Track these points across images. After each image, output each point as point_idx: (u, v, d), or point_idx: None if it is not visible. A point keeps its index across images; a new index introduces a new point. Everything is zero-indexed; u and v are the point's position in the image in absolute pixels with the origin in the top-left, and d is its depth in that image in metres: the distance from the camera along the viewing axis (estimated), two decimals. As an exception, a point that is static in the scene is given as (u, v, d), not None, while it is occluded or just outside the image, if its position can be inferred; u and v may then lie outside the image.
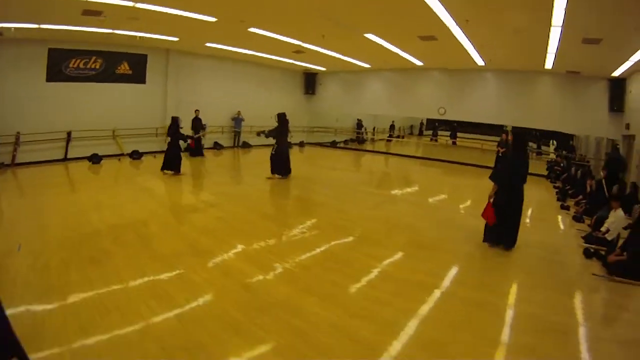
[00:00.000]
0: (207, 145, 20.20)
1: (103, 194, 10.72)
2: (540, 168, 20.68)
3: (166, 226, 8.30)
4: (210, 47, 17.96)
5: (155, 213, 9.16)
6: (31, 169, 13.89)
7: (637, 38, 10.77)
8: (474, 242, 8.31)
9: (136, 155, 16.94)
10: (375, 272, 6.49)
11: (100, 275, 5.64)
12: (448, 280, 6.39)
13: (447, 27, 11.69)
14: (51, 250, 6.55)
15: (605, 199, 9.46)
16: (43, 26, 12.72)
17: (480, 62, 17.54)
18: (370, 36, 13.94)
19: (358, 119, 28.99)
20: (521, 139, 8.22)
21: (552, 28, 10.71)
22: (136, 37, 15.01)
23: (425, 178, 18.94)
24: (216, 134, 21.09)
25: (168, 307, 4.85)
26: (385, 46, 15.46)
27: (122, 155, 17.01)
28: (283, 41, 15.47)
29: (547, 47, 13.05)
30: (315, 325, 4.66)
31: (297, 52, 18.08)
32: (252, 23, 13.07)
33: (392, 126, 33.36)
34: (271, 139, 13.80)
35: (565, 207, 12.30)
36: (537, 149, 30.03)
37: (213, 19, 12.28)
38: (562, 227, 10.55)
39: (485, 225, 8.09)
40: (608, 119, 17.67)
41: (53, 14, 11.59)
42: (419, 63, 19.62)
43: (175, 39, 16.04)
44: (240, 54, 19.38)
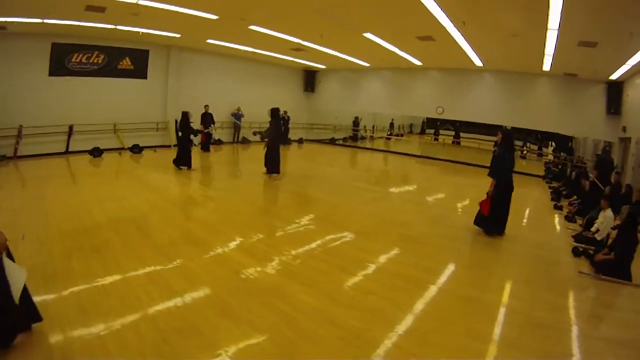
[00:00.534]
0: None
1: (104, 187, 10.92)
2: (540, 169, 20.86)
3: (165, 218, 8.45)
4: (211, 44, 18.08)
5: (154, 205, 9.30)
6: (33, 161, 14.02)
7: (633, 42, 10.90)
8: (464, 238, 8.54)
9: (137, 149, 17.11)
10: (363, 264, 6.65)
11: (100, 263, 5.82)
12: (435, 274, 6.53)
13: (444, 28, 11.84)
14: (54, 239, 6.72)
15: (598, 200, 9.59)
16: (47, 21, 12.84)
17: (478, 62, 17.65)
18: (369, 35, 14.06)
19: (355, 117, 29.04)
20: (511, 138, 8.80)
21: (548, 31, 10.83)
22: (138, 32, 15.19)
23: (422, 176, 19.03)
24: (217, 130, 21.17)
25: (165, 293, 5.05)
26: (384, 45, 15.58)
27: (123, 149, 17.18)
28: (283, 39, 15.59)
29: (544, 50, 13.16)
30: (301, 311, 4.87)
31: (297, 49, 18.20)
32: (253, 21, 13.22)
33: (392, 124, 33.41)
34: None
35: (558, 207, 12.46)
36: (538, 150, 30.11)
37: (214, 17, 12.43)
38: (553, 226, 10.67)
39: (479, 212, 8.68)
40: (605, 121, 17.79)
41: (57, 9, 11.73)
42: (417, 62, 19.74)
43: (177, 36, 16.19)
44: (241, 50, 19.46)
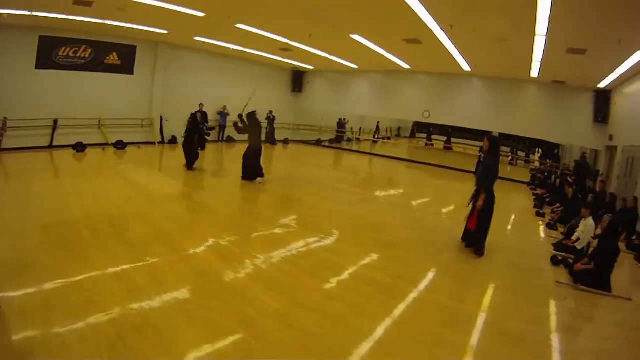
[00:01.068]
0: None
1: (84, 182, 10.82)
2: (526, 175, 20.94)
3: (140, 215, 8.39)
4: (198, 41, 17.99)
5: (132, 202, 9.24)
6: (17, 154, 13.85)
7: (621, 49, 10.91)
8: (441, 243, 8.46)
9: (120, 146, 16.95)
10: (333, 268, 6.59)
11: (70, 259, 5.77)
12: (407, 280, 6.44)
13: (431, 32, 11.79)
14: (29, 234, 6.66)
15: (580, 208, 9.57)
16: (35, 13, 12.69)
17: (466, 67, 17.67)
18: (356, 37, 14.03)
19: (340, 119, 29.07)
20: (498, 145, 8.20)
21: (536, 36, 10.82)
22: (126, 28, 15.04)
23: (407, 180, 19.12)
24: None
25: (128, 291, 5.00)
26: (371, 47, 15.56)
27: (107, 144, 17.01)
28: (270, 38, 15.55)
29: (532, 56, 13.17)
30: (262, 314, 4.81)
31: (284, 49, 18.16)
32: (240, 19, 13.15)
33: (378, 127, 33.38)
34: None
35: (540, 214, 12.47)
36: (526, 157, 30.30)
37: (201, 14, 12.36)
38: (534, 234, 10.66)
39: (467, 231, 8.21)
40: (592, 129, 17.87)
41: (45, 1, 11.63)
42: (405, 66, 19.71)
43: (164, 32, 16.05)
44: (229, 49, 19.43)
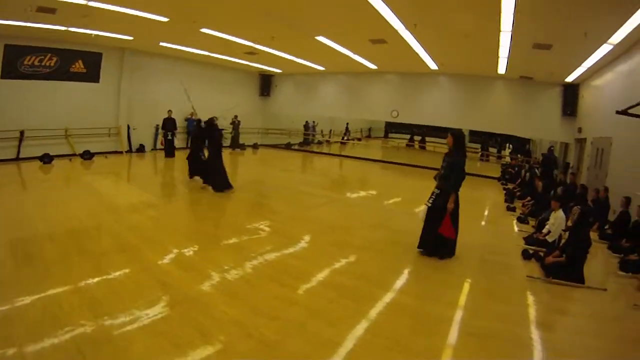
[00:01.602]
0: (161, 146, 19.78)
1: (50, 194, 10.63)
2: (497, 171, 21.10)
3: (103, 227, 8.20)
4: (164, 47, 17.85)
5: (95, 213, 9.02)
6: (-18, 169, 13.53)
7: (587, 43, 11.00)
8: (410, 244, 8.27)
9: (87, 156, 16.65)
10: (296, 273, 6.47)
11: (32, 273, 5.63)
12: (371, 282, 6.30)
13: (396, 31, 11.82)
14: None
15: (550, 201, 9.59)
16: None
17: (433, 66, 17.78)
18: (321, 39, 14.04)
19: (306, 121, 29.14)
20: (463, 140, 7.69)
21: (501, 33, 10.87)
22: (91, 35, 14.82)
23: (376, 180, 19.21)
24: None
25: (87, 305, 4.87)
26: (337, 49, 15.60)
27: (74, 155, 16.70)
28: (235, 42, 15.51)
29: (498, 52, 13.25)
30: (219, 323, 4.70)
31: (250, 53, 18.08)
32: (204, 23, 13.07)
33: (347, 129, 33.37)
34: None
35: (511, 209, 12.57)
36: (498, 153, 30.59)
37: (165, 19, 12.24)
38: (505, 228, 10.69)
39: (430, 235, 7.59)
40: (561, 123, 18.19)
41: (8, 9, 11.44)
42: (372, 66, 19.79)
43: (129, 38, 15.88)
44: (195, 54, 19.36)
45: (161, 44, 17.15)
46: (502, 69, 16.21)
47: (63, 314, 4.61)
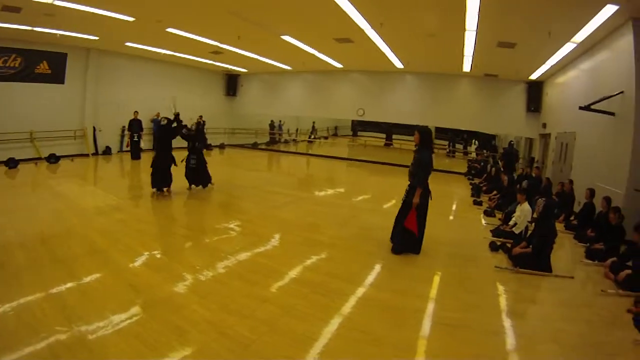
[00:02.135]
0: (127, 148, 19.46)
1: (16, 200, 10.37)
2: (463, 166, 21.36)
3: (71, 231, 8.07)
4: (130, 47, 17.68)
5: (63, 218, 8.88)
6: (-56, 175, 13.21)
7: (551, 42, 11.23)
8: (377, 239, 8.39)
9: (53, 159, 16.35)
10: (265, 271, 6.49)
11: (1, 282, 5.50)
12: (340, 278, 6.34)
13: (362, 30, 11.94)
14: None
15: (516, 194, 9.77)
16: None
17: (398, 64, 17.94)
18: (286, 38, 14.09)
19: (271, 120, 29.24)
20: (429, 137, 7.71)
21: (466, 32, 11.04)
22: (56, 35, 14.60)
23: (343, 178, 19.32)
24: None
25: (60, 311, 4.81)
26: (302, 48, 15.67)
27: (39, 159, 16.39)
28: (200, 41, 15.48)
29: (463, 51, 13.47)
30: (193, 323, 4.70)
31: (215, 52, 18.04)
32: (169, 23, 13.01)
33: (313, 127, 33.53)
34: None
35: (478, 203, 12.78)
36: (464, 149, 30.97)
37: (131, 19, 12.15)
38: (472, 222, 10.86)
39: (403, 232, 7.60)
40: (525, 119, 18.60)
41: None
42: (338, 65, 19.91)
43: (95, 38, 15.68)
44: (161, 54, 19.21)
45: (127, 44, 17.00)
46: (467, 67, 16.48)
47: (36, 321, 4.55)
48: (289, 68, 22.49)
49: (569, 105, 13.11)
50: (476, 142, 31.02)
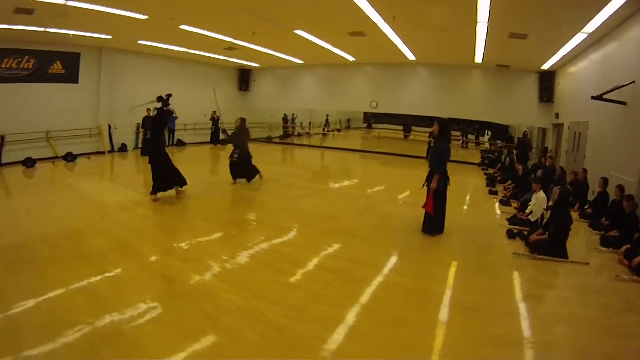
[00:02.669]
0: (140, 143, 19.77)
1: (35, 198, 10.53)
2: (477, 157, 21.35)
3: (95, 227, 8.17)
4: (143, 45, 17.79)
5: (85, 215, 8.95)
6: (-37, 175, 13.41)
7: (561, 33, 11.27)
8: (396, 228, 8.62)
9: (70, 158, 16.52)
10: (286, 258, 6.69)
11: (32, 278, 5.58)
12: (362, 264, 6.52)
13: (375, 24, 11.99)
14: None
15: (531, 183, 9.84)
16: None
17: (411, 57, 17.96)
18: (300, 32, 14.14)
19: (284, 114, 29.30)
20: (448, 128, 8.32)
21: (478, 24, 11.07)
22: (69, 35, 14.72)
23: (359, 170, 19.42)
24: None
25: (93, 303, 4.92)
26: (316, 42, 15.71)
27: (57, 158, 16.57)
28: (214, 38, 15.53)
29: (475, 43, 13.49)
30: (224, 310, 4.84)
31: (230, 49, 18.13)
32: (183, 20, 13.10)
33: (327, 121, 33.50)
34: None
35: (493, 192, 12.84)
36: (476, 139, 30.92)
37: (144, 17, 12.25)
38: (488, 211, 10.93)
39: (426, 215, 8.16)
40: (538, 109, 18.55)
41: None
42: (351, 58, 19.92)
43: (108, 37, 15.79)
44: (174, 51, 19.26)
45: (140, 42, 17.09)
46: (479, 58, 16.47)
47: (70, 313, 4.64)
48: (301, 62, 22.53)
49: (582, 95, 13.13)
50: (489, 132, 30.96)
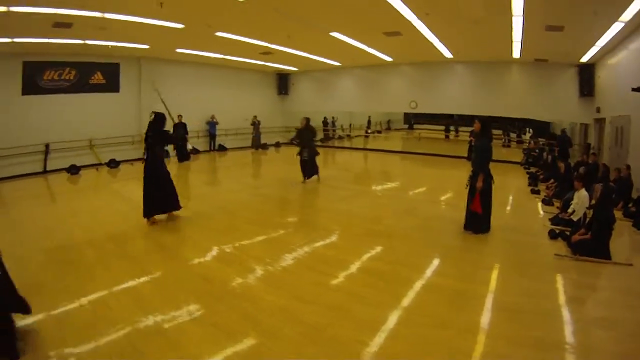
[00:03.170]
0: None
1: (81, 203, 10.93)
2: (518, 156, 21.05)
3: (136, 229, 8.43)
4: (181, 53, 18.10)
5: (129, 217, 9.22)
6: (11, 183, 13.85)
7: (598, 22, 10.98)
8: (438, 229, 8.59)
9: (113, 164, 16.99)
10: (326, 260, 6.77)
11: (76, 278, 5.81)
12: (404, 266, 6.52)
13: (409, 22, 11.91)
14: (33, 258, 6.67)
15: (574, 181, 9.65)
16: (16, 40, 12.83)
17: (448, 54, 17.80)
18: (335, 34, 14.15)
19: (324, 117, 29.11)
20: (489, 127, 8.29)
21: (513, 17, 10.89)
22: (108, 46, 15.11)
23: (400, 171, 19.34)
24: (192, 139, 21.00)
25: (135, 303, 5.08)
26: (352, 44, 15.69)
27: (100, 164, 17.01)
28: (250, 43, 15.67)
29: (511, 36, 13.26)
30: (265, 310, 4.92)
31: (266, 53, 18.24)
32: (219, 27, 13.28)
33: (369, 122, 32.89)
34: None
35: (535, 192, 12.59)
36: (518, 137, 30.45)
37: (180, 26, 12.47)
38: (531, 210, 10.76)
39: (469, 214, 8.27)
40: (579, 104, 18.05)
41: (25, 27, 11.71)
42: (388, 59, 19.86)
43: (145, 47, 16.15)
44: (212, 58, 19.53)
45: (178, 50, 17.39)
46: (516, 53, 16.19)
47: (112, 312, 4.81)
48: (338, 64, 22.50)
49: (622, 88, 12.75)
50: (530, 130, 30.44)
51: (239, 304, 5.10)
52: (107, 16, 11.00)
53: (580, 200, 8.57)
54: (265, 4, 10.72)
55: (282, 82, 26.80)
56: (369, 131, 31.68)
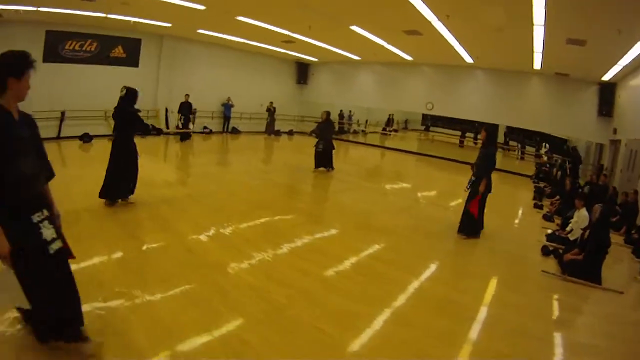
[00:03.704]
0: (197, 129, 20.42)
1: (86, 169, 11.17)
2: (531, 169, 20.87)
3: (136, 198, 8.52)
4: (202, 34, 18.15)
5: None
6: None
7: (622, 40, 10.78)
8: (427, 229, 8.75)
9: (126, 136, 17.01)
10: (307, 246, 6.94)
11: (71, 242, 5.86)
12: (388, 263, 6.58)
13: (429, 22, 11.85)
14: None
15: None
16: (41, 9, 12.94)
17: (468, 59, 17.69)
18: (355, 28, 14.09)
19: (340, 110, 29.23)
20: (495, 135, 8.43)
21: (534, 27, 10.78)
22: (130, 22, 15.28)
23: (409, 172, 19.36)
24: (206, 119, 21.43)
25: (119, 266, 5.37)
26: (372, 39, 15.63)
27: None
28: (271, 30, 15.67)
29: (532, 47, 13.12)
30: (237, 286, 5.11)
31: (287, 41, 18.27)
32: (239, 12, 13.27)
33: (389, 119, 32.39)
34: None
35: (538, 206, 12.49)
36: (536, 152, 30.22)
37: (202, 7, 12.50)
38: (529, 225, 10.73)
39: (465, 218, 8.37)
40: (596, 123, 17.77)
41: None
42: (408, 57, 19.75)
43: (168, 25, 16.25)
44: (232, 41, 19.59)
45: (199, 31, 17.46)
46: (537, 64, 16.02)
47: (99, 275, 5.01)
48: (358, 58, 22.41)
49: (640, 110, 12.64)
50: (546, 145, 30.18)
51: (213, 276, 5.30)
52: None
53: (580, 220, 8.47)
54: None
55: (302, 71, 26.74)
56: (389, 129, 31.50)
